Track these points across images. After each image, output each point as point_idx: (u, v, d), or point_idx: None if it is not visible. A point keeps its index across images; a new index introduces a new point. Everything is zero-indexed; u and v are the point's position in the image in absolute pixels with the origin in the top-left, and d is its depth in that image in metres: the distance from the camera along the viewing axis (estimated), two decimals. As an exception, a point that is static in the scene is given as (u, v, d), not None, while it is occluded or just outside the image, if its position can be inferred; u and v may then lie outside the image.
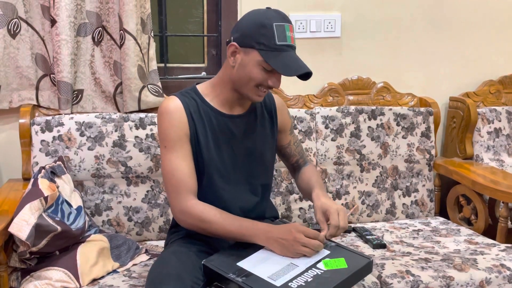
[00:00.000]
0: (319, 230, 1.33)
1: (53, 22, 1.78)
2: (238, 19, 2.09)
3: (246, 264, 1.27)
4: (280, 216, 1.91)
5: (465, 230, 1.99)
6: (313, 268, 1.24)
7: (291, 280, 1.19)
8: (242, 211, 1.46)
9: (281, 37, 1.31)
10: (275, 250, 1.29)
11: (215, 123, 1.43)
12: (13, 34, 1.81)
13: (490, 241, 1.87)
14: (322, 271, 1.23)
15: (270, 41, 1.30)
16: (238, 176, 1.46)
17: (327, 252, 1.30)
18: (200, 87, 1.47)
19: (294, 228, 1.29)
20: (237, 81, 1.38)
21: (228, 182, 1.45)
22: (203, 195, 1.41)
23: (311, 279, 1.20)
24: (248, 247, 1.33)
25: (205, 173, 1.42)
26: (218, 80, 1.45)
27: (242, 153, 1.46)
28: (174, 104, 1.40)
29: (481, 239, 1.89)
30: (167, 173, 1.37)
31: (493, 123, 2.31)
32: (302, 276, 1.21)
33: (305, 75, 1.36)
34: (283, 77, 1.40)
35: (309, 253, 1.27)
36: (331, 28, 2.20)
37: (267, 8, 1.37)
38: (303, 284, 1.18)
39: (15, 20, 1.80)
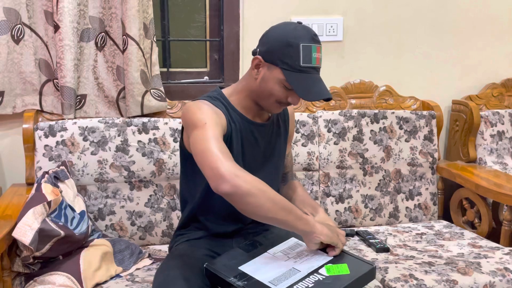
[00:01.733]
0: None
1: (56, 27, 1.79)
2: (240, 23, 2.11)
3: (248, 268, 1.26)
4: None
5: (468, 234, 1.99)
6: (315, 274, 1.23)
7: (292, 286, 1.19)
8: (243, 220, 1.47)
9: (306, 58, 1.28)
10: (322, 232, 1.25)
11: (243, 129, 1.41)
12: (17, 40, 1.82)
13: (494, 244, 1.86)
14: (324, 277, 1.22)
15: (294, 62, 1.28)
16: None
17: (329, 258, 1.30)
18: (226, 92, 1.44)
19: (333, 226, 1.33)
20: (258, 93, 1.37)
21: None
22: (217, 198, 1.30)
23: (312, 284, 1.19)
24: (251, 251, 1.33)
25: None
26: (240, 89, 1.43)
27: (260, 161, 1.46)
28: (206, 104, 1.34)
29: (485, 242, 1.89)
30: (205, 148, 1.20)
31: (496, 126, 2.30)
32: (303, 281, 1.20)
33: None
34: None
35: (340, 246, 1.30)
36: (333, 32, 2.20)
37: (298, 23, 1.35)
38: None
39: (18, 26, 1.81)
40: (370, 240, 1.86)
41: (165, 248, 1.81)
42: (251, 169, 1.41)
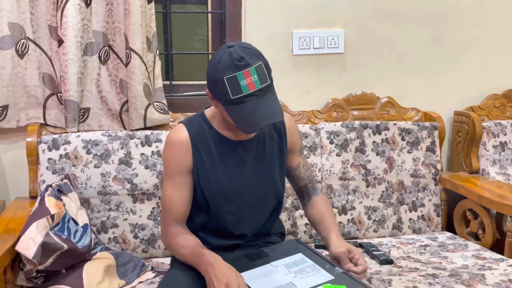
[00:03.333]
0: (322, 247, 1.34)
1: (60, 42, 1.81)
2: (242, 36, 2.13)
3: (246, 275, 1.26)
4: (286, 232, 1.90)
5: (472, 245, 1.98)
6: None
7: None
8: (243, 234, 1.47)
9: (235, 89, 1.23)
10: (207, 281, 1.26)
11: (224, 150, 1.42)
12: (21, 54, 1.84)
13: (498, 256, 1.85)
14: None
15: (225, 97, 1.26)
16: (248, 200, 1.46)
17: (331, 277, 1.27)
18: (208, 113, 1.47)
19: (232, 277, 1.20)
20: (225, 121, 1.40)
21: (237, 207, 1.45)
22: (208, 220, 1.45)
23: None
24: (255, 260, 1.32)
25: (213, 199, 1.43)
26: (217, 112, 1.44)
27: (253, 177, 1.46)
28: (179, 135, 1.42)
29: (489, 254, 1.88)
30: (162, 199, 1.47)
31: (498, 136, 2.30)
32: None
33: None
34: (287, 93, 1.41)
35: None
36: (335, 44, 2.21)
37: (229, 47, 1.28)
38: None
39: (23, 40, 1.83)
40: (374, 252, 1.85)
41: (168, 260, 1.81)
42: (241, 187, 1.43)
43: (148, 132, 1.90)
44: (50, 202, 1.56)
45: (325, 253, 1.60)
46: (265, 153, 1.48)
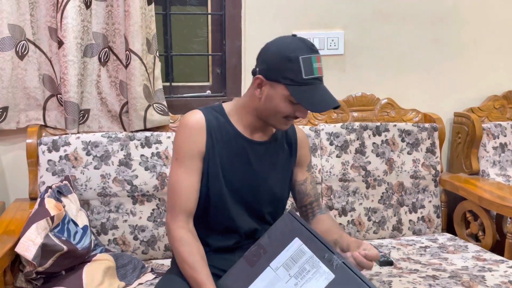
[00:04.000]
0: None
1: (60, 43, 1.81)
2: (242, 38, 2.13)
3: None
4: None
5: (472, 247, 1.98)
6: None
7: None
8: (244, 234, 1.46)
9: (308, 70, 1.27)
10: None
11: (234, 145, 1.41)
12: (21, 56, 1.84)
13: (498, 257, 1.85)
14: None
15: (297, 76, 1.27)
16: (244, 201, 1.44)
17: (331, 275, 1.23)
18: (226, 106, 1.44)
19: None
20: (263, 111, 1.36)
21: (238, 204, 1.44)
22: (212, 212, 1.41)
23: None
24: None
25: (217, 190, 1.41)
26: (242, 106, 1.42)
27: (252, 179, 1.43)
28: (196, 119, 1.38)
29: (489, 255, 1.88)
30: (170, 186, 1.39)
31: (498, 138, 2.30)
32: None
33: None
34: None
35: None
36: (334, 45, 2.22)
37: (293, 35, 1.34)
38: None
39: (23, 42, 1.84)
40: (374, 254, 1.85)
41: (167, 262, 1.81)
42: (240, 186, 1.40)
43: (148, 133, 1.90)
44: (50, 204, 1.56)
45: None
46: (271, 160, 1.46)
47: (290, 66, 1.27)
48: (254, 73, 1.36)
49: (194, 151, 1.37)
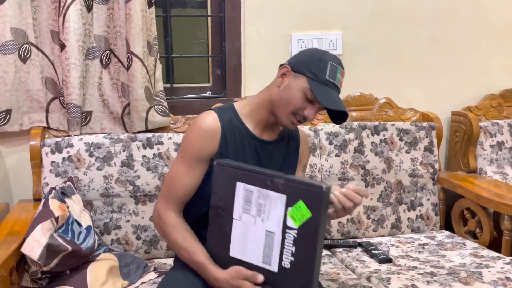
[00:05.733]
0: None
1: (62, 46, 1.84)
2: (242, 40, 2.16)
3: (235, 252, 1.26)
4: None
5: (470, 244, 2.00)
6: (287, 230, 1.19)
7: (281, 258, 1.19)
8: None
9: (332, 75, 1.35)
10: (212, 281, 1.30)
11: (246, 144, 1.43)
12: (24, 59, 1.87)
13: (495, 254, 1.88)
14: (296, 231, 1.18)
15: (321, 73, 1.35)
16: None
17: (283, 197, 1.21)
18: (237, 106, 1.47)
19: (232, 279, 1.25)
20: (277, 101, 1.39)
21: None
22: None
23: (294, 247, 1.18)
24: (223, 227, 1.30)
25: None
26: (257, 101, 1.46)
27: None
28: (211, 121, 1.40)
29: (486, 252, 1.90)
30: (169, 178, 1.42)
31: (495, 136, 2.33)
32: (285, 246, 1.19)
33: (341, 117, 1.40)
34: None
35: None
36: (333, 46, 2.24)
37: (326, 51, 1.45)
38: (293, 259, 1.18)
39: (25, 45, 1.86)
40: (373, 251, 1.88)
41: (170, 261, 1.84)
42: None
43: (149, 134, 1.93)
44: (54, 205, 1.58)
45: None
46: (279, 159, 1.50)
47: (318, 64, 1.36)
48: (281, 65, 1.42)
49: (204, 154, 1.39)
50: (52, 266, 1.45)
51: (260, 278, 1.21)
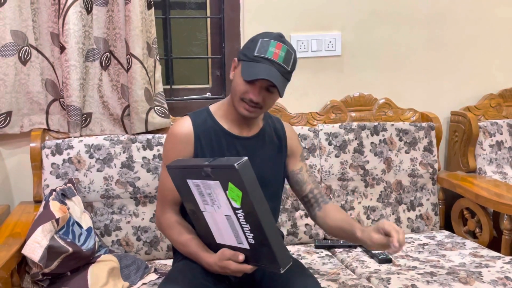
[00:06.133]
0: (322, 247, 1.29)
1: (62, 48, 1.84)
2: (241, 41, 2.16)
3: (218, 239, 1.31)
4: (285, 236, 1.90)
5: (470, 243, 2.01)
6: (236, 211, 1.21)
7: (246, 236, 1.22)
8: None
9: (262, 50, 1.37)
10: (208, 268, 1.35)
11: (224, 143, 1.47)
12: (24, 61, 1.87)
13: (495, 253, 1.88)
14: (241, 209, 1.20)
15: (250, 52, 1.38)
16: None
17: (217, 182, 1.22)
18: (212, 108, 1.53)
19: (219, 261, 1.30)
20: (231, 95, 1.46)
21: None
22: None
23: (248, 224, 1.20)
24: (200, 221, 1.34)
25: None
26: (227, 101, 1.51)
27: None
28: (183, 127, 1.47)
29: (486, 252, 1.91)
30: (160, 185, 1.53)
31: (494, 136, 2.34)
32: (242, 225, 1.21)
33: (275, 85, 1.37)
34: (285, 96, 1.44)
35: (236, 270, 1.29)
36: (332, 47, 2.25)
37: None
38: (253, 235, 1.21)
39: (25, 47, 1.87)
40: (373, 252, 1.88)
41: (170, 262, 1.83)
42: None
43: (149, 136, 1.93)
44: (55, 206, 1.59)
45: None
46: (262, 153, 1.52)
47: (249, 45, 1.40)
48: None
49: (180, 158, 1.44)
50: (53, 268, 1.46)
51: (241, 257, 1.26)
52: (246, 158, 1.16)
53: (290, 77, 1.44)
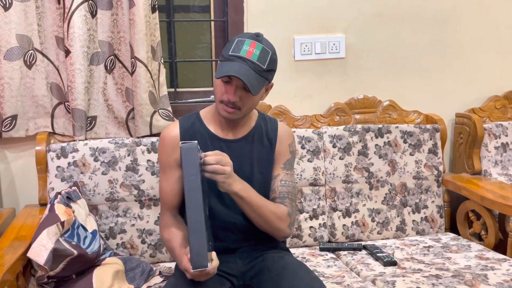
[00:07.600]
0: (327, 249, 1.27)
1: (67, 52, 1.85)
2: (245, 43, 2.17)
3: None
4: (286, 241, 1.87)
5: (475, 246, 2.00)
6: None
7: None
8: (240, 233, 1.50)
9: (236, 49, 1.38)
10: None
11: (210, 146, 1.48)
12: (29, 65, 1.88)
13: (501, 256, 1.88)
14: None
15: (226, 52, 1.40)
16: (229, 200, 1.45)
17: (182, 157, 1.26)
18: (202, 112, 1.57)
19: (184, 270, 1.29)
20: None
21: (224, 206, 1.48)
22: (215, 213, 1.47)
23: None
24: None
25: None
26: (215, 104, 1.51)
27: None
28: (172, 131, 1.52)
29: (492, 254, 1.90)
30: (159, 189, 1.57)
31: (500, 138, 2.33)
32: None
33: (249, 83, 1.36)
34: (290, 98, 1.45)
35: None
36: (336, 49, 2.25)
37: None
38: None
39: (31, 51, 1.88)
40: (378, 254, 1.88)
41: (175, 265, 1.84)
42: (216, 188, 1.40)
43: (154, 139, 1.94)
44: (60, 209, 1.59)
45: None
46: (251, 156, 1.52)
47: (227, 46, 1.42)
48: None
49: (170, 161, 1.49)
50: (58, 271, 1.46)
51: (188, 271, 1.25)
52: (195, 142, 1.26)
53: (269, 76, 1.43)
